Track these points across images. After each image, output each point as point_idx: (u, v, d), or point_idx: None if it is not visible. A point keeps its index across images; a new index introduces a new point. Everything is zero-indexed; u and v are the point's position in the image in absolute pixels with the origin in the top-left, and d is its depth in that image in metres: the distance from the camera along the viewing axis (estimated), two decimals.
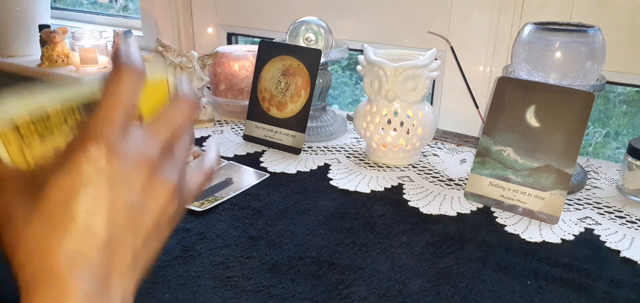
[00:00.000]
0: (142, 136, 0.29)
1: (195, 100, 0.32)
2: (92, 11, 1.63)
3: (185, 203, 0.32)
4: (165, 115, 0.30)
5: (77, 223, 0.26)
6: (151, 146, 0.29)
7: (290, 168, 0.77)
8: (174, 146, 0.31)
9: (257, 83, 0.86)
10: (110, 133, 0.27)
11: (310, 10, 1.08)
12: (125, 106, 0.27)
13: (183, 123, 0.31)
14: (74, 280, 0.26)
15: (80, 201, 0.26)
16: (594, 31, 0.68)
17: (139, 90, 0.28)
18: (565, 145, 0.63)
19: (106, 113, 0.27)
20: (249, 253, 0.56)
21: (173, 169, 0.30)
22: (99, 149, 0.26)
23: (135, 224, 0.28)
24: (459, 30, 0.96)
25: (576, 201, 0.69)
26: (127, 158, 0.27)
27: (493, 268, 0.54)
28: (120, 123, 0.27)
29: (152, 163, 0.29)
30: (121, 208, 0.27)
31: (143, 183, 0.28)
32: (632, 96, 1.40)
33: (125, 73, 0.28)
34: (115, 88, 0.27)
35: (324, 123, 0.90)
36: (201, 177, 0.35)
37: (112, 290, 0.28)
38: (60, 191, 0.26)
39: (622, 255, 0.57)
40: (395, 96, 0.74)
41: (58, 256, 0.26)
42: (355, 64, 0.80)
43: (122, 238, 0.28)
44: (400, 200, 0.68)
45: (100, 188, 0.27)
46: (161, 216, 0.30)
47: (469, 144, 0.89)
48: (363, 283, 0.51)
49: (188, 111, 0.31)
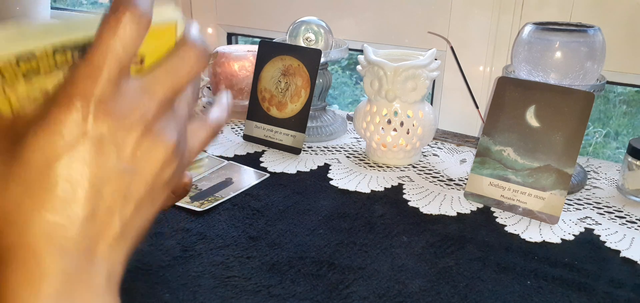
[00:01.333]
0: (137, 90, 0.25)
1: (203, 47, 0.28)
2: (92, 11, 1.63)
3: (186, 164, 0.30)
4: (166, 65, 0.27)
5: (57, 192, 0.24)
6: (147, 102, 0.26)
7: (290, 168, 0.77)
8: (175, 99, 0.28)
9: (257, 83, 0.86)
10: (99, 88, 0.24)
11: (310, 10, 1.08)
12: (119, 57, 0.24)
13: (186, 75, 0.27)
14: (51, 256, 0.24)
15: (61, 167, 0.23)
16: (594, 31, 0.68)
17: (139, 40, 0.25)
18: (565, 145, 0.63)
19: (96, 64, 0.24)
20: (249, 253, 0.56)
21: (172, 127, 0.27)
22: (84, 107, 0.23)
23: (125, 191, 0.26)
24: (459, 30, 0.96)
25: (576, 201, 0.69)
26: (118, 117, 0.24)
27: (493, 268, 0.54)
28: (112, 76, 0.24)
29: (147, 121, 0.26)
30: (109, 174, 0.25)
31: (135, 145, 0.25)
32: (632, 96, 1.40)
33: (124, 17, 0.24)
34: (111, 34, 0.24)
35: (324, 123, 0.90)
36: (205, 132, 0.32)
37: (97, 263, 0.25)
38: (40, 153, 0.23)
39: (622, 255, 0.57)
40: (395, 96, 0.74)
41: (35, 227, 0.24)
42: (355, 64, 0.80)
43: (109, 208, 0.25)
44: (400, 200, 0.68)
45: (84, 152, 0.24)
46: (156, 180, 0.27)
47: (469, 144, 0.89)
48: (363, 283, 0.51)
49: (193, 61, 0.27)
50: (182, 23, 0.28)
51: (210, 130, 0.32)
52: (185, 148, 0.29)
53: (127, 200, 0.26)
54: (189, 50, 0.27)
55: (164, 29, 0.27)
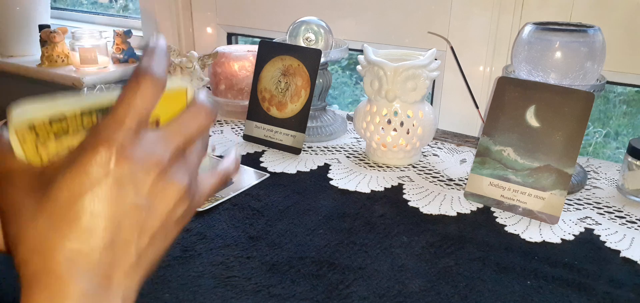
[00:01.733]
0: (154, 139, 0.29)
1: (212, 108, 0.32)
2: (92, 11, 1.63)
3: (196, 205, 0.33)
4: (179, 120, 0.31)
5: (81, 224, 0.27)
6: (162, 149, 0.29)
7: (290, 168, 0.77)
8: (187, 151, 0.31)
9: (257, 83, 0.86)
10: (121, 136, 0.27)
11: (310, 10, 1.08)
12: (139, 111, 0.28)
13: (197, 129, 0.31)
14: (73, 280, 0.26)
15: (85, 202, 0.27)
16: (594, 31, 0.68)
17: (156, 99, 0.29)
18: (565, 145, 0.63)
19: (119, 117, 0.27)
20: (249, 253, 0.56)
21: (183, 172, 0.31)
22: (108, 152, 0.27)
23: (141, 225, 0.29)
24: (459, 30, 0.96)
25: (576, 201, 0.69)
26: (136, 160, 0.28)
27: (493, 268, 0.54)
28: (132, 127, 0.28)
29: (162, 165, 0.29)
30: (127, 209, 0.28)
31: (151, 185, 0.29)
32: (632, 96, 1.40)
33: (144, 81, 0.28)
34: (131, 94, 0.28)
35: (324, 123, 0.90)
36: (215, 180, 0.36)
37: (114, 288, 0.28)
38: (67, 191, 0.26)
39: (622, 255, 0.57)
40: (395, 96, 0.74)
41: (59, 255, 0.26)
42: (355, 64, 0.80)
43: (126, 239, 0.28)
44: (400, 200, 0.68)
45: (107, 189, 0.27)
46: (169, 218, 0.30)
47: (469, 144, 0.89)
48: (363, 283, 0.51)
49: (203, 118, 0.32)
50: (191, 90, 0.32)
51: (220, 178, 0.36)
52: (196, 191, 0.33)
53: (142, 233, 0.29)
54: (199, 109, 0.32)
55: (176, 94, 0.32)
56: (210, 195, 0.35)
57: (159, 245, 0.31)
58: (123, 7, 1.67)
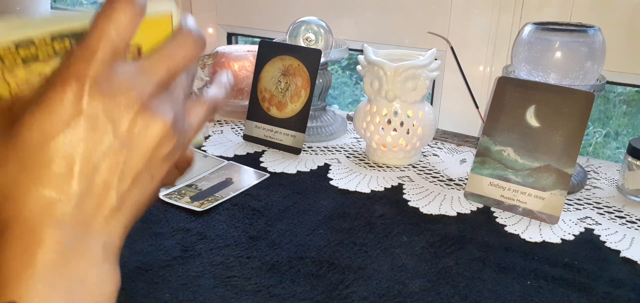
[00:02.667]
0: (133, 71, 0.27)
1: (198, 34, 0.29)
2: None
3: (185, 141, 0.31)
4: (162, 50, 0.28)
5: (53, 168, 0.25)
6: (143, 82, 0.27)
7: (290, 168, 0.77)
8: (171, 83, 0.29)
9: (257, 83, 0.86)
10: (94, 70, 0.25)
11: (310, 10, 1.08)
12: (113, 40, 0.25)
13: (183, 59, 0.29)
14: (47, 229, 0.25)
15: (57, 145, 0.25)
16: (594, 31, 0.68)
17: (134, 25, 0.26)
18: (565, 145, 0.63)
19: (91, 48, 0.25)
20: (249, 253, 0.56)
21: (168, 106, 0.28)
22: (79, 87, 0.25)
23: (122, 166, 0.27)
24: (459, 30, 0.96)
25: (576, 201, 0.69)
26: (113, 96, 0.25)
27: (493, 268, 0.54)
28: (106, 58, 0.25)
29: (143, 100, 0.27)
30: (104, 150, 0.26)
31: (131, 122, 0.26)
32: (632, 96, 1.40)
33: (119, 5, 0.25)
34: (105, 21, 0.25)
35: (324, 123, 0.90)
36: (203, 109, 0.33)
37: (93, 235, 0.26)
38: (37, 131, 0.24)
39: (622, 255, 0.57)
40: (395, 96, 0.74)
41: (31, 202, 0.25)
42: (355, 64, 0.80)
43: (105, 182, 0.26)
44: (400, 200, 0.68)
45: (80, 130, 0.25)
46: (154, 156, 0.28)
47: (469, 144, 0.89)
48: (363, 283, 0.51)
49: (190, 46, 0.29)
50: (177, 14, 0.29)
51: (208, 107, 0.33)
52: (183, 125, 0.30)
53: (124, 175, 0.27)
54: (185, 37, 0.29)
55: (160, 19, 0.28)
56: (200, 127, 0.33)
57: (145, 186, 0.28)
58: None
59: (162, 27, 0.29)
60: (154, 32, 0.28)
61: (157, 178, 0.29)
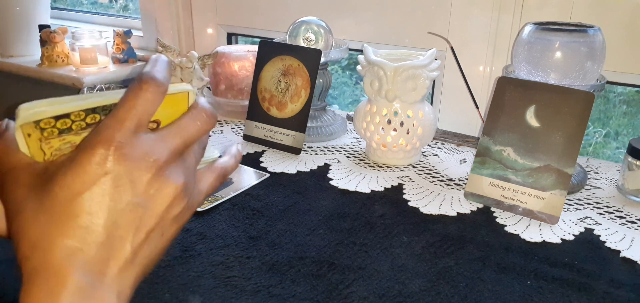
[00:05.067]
0: (152, 140, 0.30)
1: (212, 112, 0.33)
2: (92, 11, 1.63)
3: (194, 204, 0.34)
4: (178, 123, 0.32)
5: (79, 221, 0.28)
6: (160, 150, 0.30)
7: (290, 168, 0.77)
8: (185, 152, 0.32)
9: (257, 83, 0.86)
10: (120, 136, 0.28)
11: (310, 10, 1.08)
12: (139, 114, 0.29)
13: (196, 132, 0.32)
14: (70, 275, 0.27)
15: (84, 201, 0.28)
16: (594, 31, 0.68)
17: (157, 103, 0.30)
18: (565, 145, 0.63)
19: (119, 118, 0.29)
20: (249, 253, 0.56)
21: (180, 172, 0.32)
22: (106, 150, 0.28)
23: (137, 223, 0.30)
24: (459, 30, 0.96)
25: (576, 201, 0.69)
26: (134, 160, 0.29)
27: (493, 268, 0.54)
28: (132, 128, 0.29)
29: (159, 165, 0.30)
30: (123, 207, 0.29)
31: (148, 184, 0.30)
32: (632, 96, 1.40)
33: (146, 85, 0.29)
34: (133, 97, 0.29)
35: (324, 123, 0.90)
36: (213, 177, 0.36)
37: (108, 283, 0.29)
38: (67, 189, 0.28)
39: (622, 255, 0.57)
40: (395, 96, 0.74)
41: (58, 251, 0.27)
42: (355, 64, 0.80)
43: (122, 236, 0.29)
44: (400, 200, 0.68)
45: (104, 188, 0.28)
46: (165, 216, 0.31)
47: (469, 144, 0.89)
48: (363, 283, 0.51)
49: (203, 121, 0.33)
50: (193, 94, 0.33)
51: (218, 175, 0.37)
52: (193, 190, 0.33)
53: (138, 230, 0.30)
54: (199, 112, 0.33)
55: (177, 97, 0.32)
56: (209, 192, 0.36)
57: (155, 243, 0.31)
58: (123, 7, 1.67)
59: (179, 103, 0.32)
60: (172, 108, 0.32)
61: (166, 236, 0.32)
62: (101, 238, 0.28)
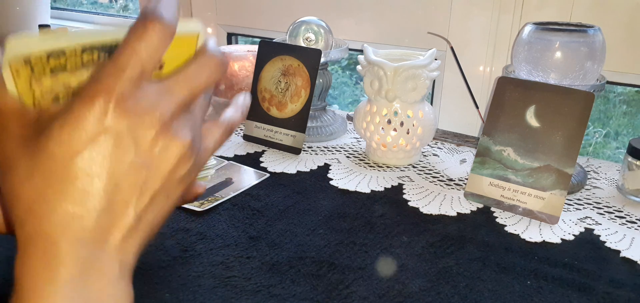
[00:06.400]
0: (157, 91, 0.27)
1: (221, 58, 0.30)
2: (92, 11, 1.63)
3: (201, 162, 0.31)
4: (186, 71, 0.29)
5: (77, 184, 0.25)
6: (165, 103, 0.27)
7: (290, 168, 0.77)
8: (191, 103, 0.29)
9: (257, 83, 0.86)
10: (121, 87, 0.25)
11: (310, 10, 1.08)
12: (142, 60, 0.26)
13: (205, 82, 0.29)
14: (67, 244, 0.25)
15: (82, 161, 0.25)
16: (594, 31, 0.68)
17: (163, 47, 0.27)
18: (565, 145, 0.63)
19: (120, 65, 0.25)
20: (249, 253, 0.56)
21: (187, 128, 0.29)
22: (106, 103, 0.25)
23: (141, 185, 0.27)
24: (459, 30, 0.96)
25: (576, 201, 0.69)
26: (137, 114, 0.26)
27: (493, 268, 0.54)
28: (134, 76, 0.26)
29: (164, 120, 0.27)
30: (125, 168, 0.26)
31: (152, 141, 0.27)
32: (632, 96, 1.40)
33: (151, 26, 0.26)
34: (136, 40, 0.26)
35: (324, 123, 0.90)
36: (219, 132, 0.33)
37: (111, 252, 0.27)
38: (63, 146, 0.25)
39: (622, 255, 0.57)
40: (395, 96, 0.74)
41: (54, 217, 0.25)
42: (355, 64, 0.80)
43: (125, 200, 0.27)
44: (400, 200, 0.68)
45: (104, 147, 0.25)
46: (171, 176, 0.28)
47: (469, 144, 0.89)
48: (363, 283, 0.51)
49: (212, 70, 0.29)
50: (203, 35, 0.30)
51: (224, 129, 0.34)
52: (200, 147, 0.31)
53: (142, 193, 0.27)
54: (208, 60, 0.29)
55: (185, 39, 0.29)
56: (216, 149, 0.33)
57: (161, 206, 0.29)
58: (123, 7, 1.67)
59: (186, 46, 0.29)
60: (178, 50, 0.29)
61: (172, 199, 0.30)
62: (102, 203, 0.26)
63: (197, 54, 0.29)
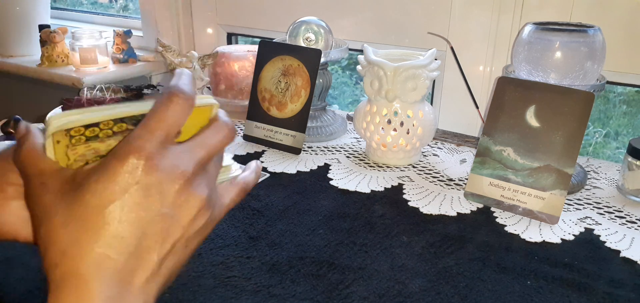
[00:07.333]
0: (180, 151, 0.31)
1: (232, 126, 0.34)
2: (92, 11, 1.63)
3: (216, 217, 0.34)
4: (203, 135, 0.33)
5: (109, 230, 0.28)
6: (187, 161, 0.31)
7: (290, 168, 0.77)
8: (208, 164, 0.33)
9: (257, 83, 0.86)
10: (150, 146, 0.29)
11: (310, 10, 1.08)
12: (169, 125, 0.30)
13: (219, 144, 0.33)
14: (98, 284, 0.28)
15: (115, 209, 0.28)
16: (594, 31, 0.68)
17: (186, 115, 0.31)
18: (565, 145, 0.63)
19: (149, 129, 0.29)
20: (249, 253, 0.56)
21: (205, 184, 0.32)
22: (137, 160, 0.28)
23: (164, 233, 0.30)
24: (459, 30, 0.96)
25: (576, 201, 0.69)
26: (163, 170, 0.29)
27: (493, 268, 0.54)
28: (161, 139, 0.29)
29: (186, 176, 0.30)
30: (152, 217, 0.29)
31: (176, 195, 0.30)
32: (632, 96, 1.40)
33: (176, 98, 0.30)
34: (164, 109, 0.30)
35: (324, 123, 0.90)
36: (234, 191, 0.37)
37: (135, 293, 0.29)
38: (98, 197, 0.28)
39: (622, 255, 0.57)
40: (395, 96, 0.74)
41: (88, 259, 0.28)
42: (355, 64, 0.80)
43: (150, 246, 0.30)
44: (400, 200, 0.68)
45: (135, 197, 0.28)
46: (190, 227, 0.31)
47: (469, 144, 0.89)
48: (363, 283, 0.51)
49: (224, 134, 0.34)
50: (216, 107, 0.34)
51: (240, 189, 0.38)
52: (215, 201, 0.34)
53: (165, 241, 0.30)
54: (222, 126, 0.34)
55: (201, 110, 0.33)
56: (231, 206, 0.36)
57: (179, 254, 0.32)
58: (123, 7, 1.67)
59: (201, 116, 0.33)
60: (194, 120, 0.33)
61: (190, 248, 0.33)
62: (131, 247, 0.29)
63: (211, 122, 0.34)
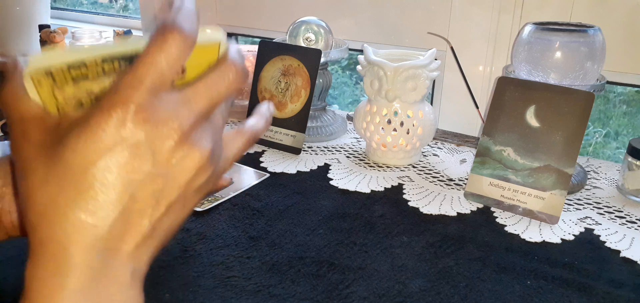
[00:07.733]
0: (177, 101, 0.27)
1: (242, 67, 0.29)
2: (92, 11, 1.63)
3: (221, 171, 0.31)
4: (206, 80, 0.28)
5: (91, 193, 0.25)
6: (185, 113, 0.27)
7: (290, 168, 0.77)
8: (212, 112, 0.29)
9: (257, 83, 0.86)
10: (139, 97, 0.25)
11: (310, 10, 1.08)
12: (161, 71, 0.26)
13: (225, 90, 0.28)
14: (78, 251, 0.25)
15: (97, 170, 0.25)
16: (594, 31, 0.68)
17: (184, 57, 0.26)
18: (565, 145, 0.63)
19: (138, 75, 0.25)
20: (249, 253, 0.56)
21: (207, 137, 0.28)
22: (124, 113, 0.25)
23: (157, 195, 0.27)
24: (459, 30, 0.96)
25: (576, 201, 0.69)
26: (155, 124, 0.26)
27: (493, 268, 0.54)
28: (153, 87, 0.25)
29: (184, 130, 0.27)
30: (143, 179, 0.26)
31: (170, 152, 0.26)
32: (632, 96, 1.40)
33: (170, 37, 0.26)
34: (155, 51, 0.26)
35: (324, 123, 0.90)
36: (241, 141, 0.33)
37: (123, 261, 0.27)
38: (79, 156, 0.25)
39: (622, 255, 0.57)
40: (395, 96, 0.74)
41: (67, 224, 0.25)
42: (355, 64, 0.80)
43: (140, 210, 0.26)
44: (400, 200, 0.68)
45: (120, 157, 0.25)
46: (189, 187, 0.28)
47: (469, 144, 0.89)
48: (363, 283, 0.51)
49: (232, 78, 0.29)
50: (225, 44, 0.29)
51: (247, 139, 0.33)
52: (220, 155, 0.30)
53: (158, 203, 0.27)
54: (229, 68, 0.29)
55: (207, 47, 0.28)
56: (236, 158, 0.32)
57: (176, 215, 0.29)
58: (123, 7, 1.67)
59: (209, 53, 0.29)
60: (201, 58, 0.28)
61: (188, 207, 0.29)
62: (116, 212, 0.25)
63: (217, 63, 0.29)
